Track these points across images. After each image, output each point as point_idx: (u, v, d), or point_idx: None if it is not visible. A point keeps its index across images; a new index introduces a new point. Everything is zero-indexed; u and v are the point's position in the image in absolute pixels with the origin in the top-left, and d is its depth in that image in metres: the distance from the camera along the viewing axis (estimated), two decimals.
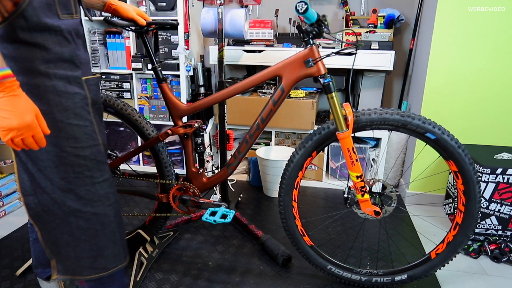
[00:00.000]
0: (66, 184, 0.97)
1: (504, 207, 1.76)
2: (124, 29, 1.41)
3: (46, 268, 1.26)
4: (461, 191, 1.32)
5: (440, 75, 2.06)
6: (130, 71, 2.54)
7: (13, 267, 1.60)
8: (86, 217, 1.00)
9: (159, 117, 2.60)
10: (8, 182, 2.11)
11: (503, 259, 1.69)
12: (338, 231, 1.94)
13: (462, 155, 1.26)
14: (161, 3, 2.39)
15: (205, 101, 1.43)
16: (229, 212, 1.47)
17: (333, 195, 2.41)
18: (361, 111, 1.31)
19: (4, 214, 2.07)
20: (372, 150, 2.48)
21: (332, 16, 2.66)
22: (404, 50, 2.62)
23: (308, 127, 2.41)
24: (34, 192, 0.97)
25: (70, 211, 0.99)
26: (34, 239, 1.23)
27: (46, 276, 1.26)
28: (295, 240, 1.48)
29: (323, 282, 1.54)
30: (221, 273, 1.58)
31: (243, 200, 2.31)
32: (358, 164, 1.31)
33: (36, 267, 1.26)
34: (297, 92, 2.45)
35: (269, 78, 1.37)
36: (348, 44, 2.23)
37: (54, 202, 0.98)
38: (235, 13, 1.97)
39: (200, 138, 1.52)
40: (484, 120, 2.07)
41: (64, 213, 0.99)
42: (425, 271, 1.42)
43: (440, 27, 2.00)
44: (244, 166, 2.70)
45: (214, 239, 1.85)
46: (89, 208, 1.00)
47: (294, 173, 1.40)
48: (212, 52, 2.49)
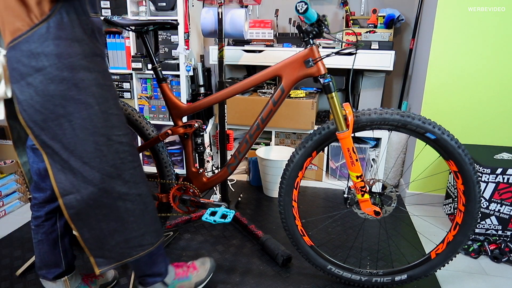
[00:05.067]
0: (115, 170, 1.02)
1: (504, 207, 1.76)
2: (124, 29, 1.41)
3: (52, 268, 1.26)
4: (461, 191, 1.32)
5: (440, 75, 2.06)
6: (130, 71, 2.53)
7: (13, 267, 1.60)
8: (132, 198, 1.07)
9: (159, 117, 2.60)
10: (8, 182, 2.11)
11: (503, 259, 1.69)
12: (338, 231, 1.94)
13: (462, 155, 1.26)
14: (161, 3, 2.39)
15: (205, 101, 1.43)
16: (229, 212, 1.47)
17: (333, 195, 2.41)
18: (361, 111, 1.31)
19: (4, 214, 2.07)
20: (372, 150, 2.48)
21: (332, 16, 2.66)
22: (404, 50, 2.62)
23: (308, 127, 2.41)
24: (76, 189, 1.00)
25: (118, 196, 1.04)
26: (39, 241, 1.22)
27: (52, 276, 1.26)
28: (295, 240, 1.48)
29: (323, 282, 1.54)
30: (221, 273, 1.58)
31: (243, 200, 2.31)
32: (358, 164, 1.31)
33: (40, 268, 1.26)
34: (297, 92, 2.45)
35: (269, 78, 1.37)
36: (348, 44, 2.23)
37: (103, 191, 1.01)
38: (235, 13, 1.97)
39: (200, 138, 1.52)
40: (484, 120, 2.07)
41: (113, 199, 1.04)
42: (425, 271, 1.42)
43: (440, 27, 2.00)
44: (244, 166, 2.70)
45: (214, 239, 1.85)
46: (134, 190, 1.07)
47: (294, 173, 1.40)
48: (212, 52, 2.49)
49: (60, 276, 1.27)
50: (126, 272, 1.57)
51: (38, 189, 1.18)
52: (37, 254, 1.24)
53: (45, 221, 1.21)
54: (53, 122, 0.94)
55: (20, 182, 2.19)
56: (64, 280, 1.27)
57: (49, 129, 0.94)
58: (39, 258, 1.25)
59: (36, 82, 0.90)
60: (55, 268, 1.26)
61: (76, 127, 0.95)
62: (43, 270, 1.26)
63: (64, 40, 0.91)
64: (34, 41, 0.89)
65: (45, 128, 0.94)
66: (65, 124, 0.94)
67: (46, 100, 0.92)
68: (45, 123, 0.94)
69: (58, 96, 0.92)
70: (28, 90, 0.91)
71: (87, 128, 0.97)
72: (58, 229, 1.24)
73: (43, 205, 1.20)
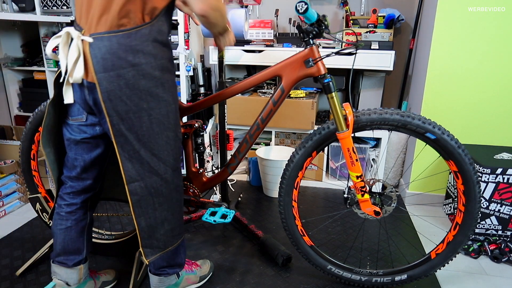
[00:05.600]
0: (176, 163, 1.15)
1: (504, 207, 1.76)
2: None
3: (72, 255, 1.30)
4: (461, 191, 1.32)
5: (440, 75, 2.06)
6: None
7: (13, 267, 1.60)
8: (180, 190, 1.20)
9: None
10: (8, 182, 2.11)
11: (503, 259, 1.69)
12: (338, 231, 1.94)
13: (462, 155, 1.26)
14: None
15: (205, 101, 1.44)
16: (229, 212, 1.47)
17: (333, 195, 2.41)
18: (361, 111, 1.31)
19: (4, 214, 2.07)
20: (372, 150, 2.48)
21: (332, 16, 2.66)
22: (404, 50, 2.62)
23: (308, 127, 2.41)
24: (141, 178, 1.08)
25: (175, 187, 1.17)
26: (68, 227, 1.27)
27: (72, 263, 1.30)
28: (295, 240, 1.48)
29: (323, 282, 1.54)
30: (221, 273, 1.58)
31: (243, 200, 2.31)
32: (358, 164, 1.31)
33: (58, 255, 1.29)
34: (297, 92, 2.45)
35: (269, 78, 1.37)
36: (348, 44, 2.23)
37: (164, 181, 1.12)
38: (235, 13, 1.97)
39: (200, 138, 1.53)
40: (484, 120, 2.07)
41: (170, 190, 1.15)
42: (425, 271, 1.42)
43: (440, 27, 2.00)
44: (244, 166, 2.70)
45: (214, 239, 1.85)
46: (180, 182, 1.20)
47: (294, 173, 1.40)
48: (212, 52, 2.49)
49: (78, 264, 1.31)
50: (126, 272, 1.57)
51: (78, 178, 1.24)
52: (59, 241, 1.28)
53: (79, 208, 1.28)
54: (134, 114, 1.02)
55: (20, 182, 2.19)
56: (80, 267, 1.32)
57: (128, 120, 1.02)
58: (61, 245, 1.28)
59: (128, 76, 0.98)
60: (76, 255, 1.30)
61: (154, 121, 1.05)
62: (62, 257, 1.29)
63: (159, 43, 1.02)
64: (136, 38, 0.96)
65: (125, 119, 1.02)
66: (145, 118, 1.03)
67: (134, 93, 1.00)
68: (127, 114, 1.01)
69: (145, 91, 1.01)
70: (117, 81, 0.98)
71: (163, 123, 1.07)
72: (88, 217, 1.31)
73: (80, 193, 1.26)
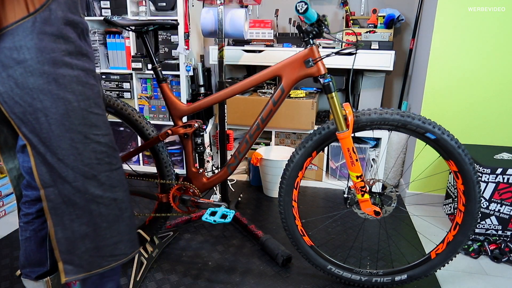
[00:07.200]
0: (89, 170, 1.00)
1: (504, 207, 1.76)
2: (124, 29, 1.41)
3: (35, 267, 1.24)
4: (461, 191, 1.32)
5: (440, 75, 2.06)
6: (130, 71, 2.53)
7: (13, 267, 1.60)
8: (107, 203, 1.03)
9: (159, 117, 2.60)
10: (8, 182, 2.11)
11: (503, 259, 1.69)
12: (338, 231, 1.94)
13: (462, 155, 1.26)
14: (161, 3, 2.39)
15: (205, 101, 1.43)
16: (229, 212, 1.47)
17: (333, 195, 2.41)
18: (361, 111, 1.31)
19: (4, 214, 2.07)
20: (372, 150, 2.48)
21: (332, 16, 2.66)
22: (404, 50, 2.62)
23: (308, 127, 2.41)
24: (54, 183, 0.98)
25: (92, 198, 1.01)
26: (27, 238, 1.22)
27: (35, 276, 1.24)
28: (295, 240, 1.48)
29: (323, 282, 1.54)
30: (221, 273, 1.58)
31: (243, 200, 2.31)
32: (358, 164, 1.31)
33: (23, 267, 1.25)
34: (297, 92, 2.45)
35: (269, 78, 1.37)
36: (348, 44, 2.23)
37: (76, 190, 0.99)
38: (235, 13, 1.97)
39: (200, 138, 1.52)
40: (484, 120, 2.07)
41: (86, 201, 1.01)
42: (425, 271, 1.42)
43: (440, 27, 2.00)
44: (244, 166, 2.70)
45: (214, 239, 1.85)
46: (109, 194, 1.03)
47: (294, 173, 1.40)
48: (212, 52, 2.49)
49: (43, 276, 1.25)
50: (126, 272, 1.57)
51: (30, 187, 1.18)
52: (22, 252, 1.23)
53: (35, 218, 1.21)
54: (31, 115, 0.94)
55: None
56: (47, 280, 1.25)
57: (28, 122, 0.94)
58: (24, 256, 1.23)
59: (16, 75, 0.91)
60: (39, 267, 1.25)
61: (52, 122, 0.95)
62: (27, 269, 1.25)
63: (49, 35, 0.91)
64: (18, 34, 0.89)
65: (25, 121, 0.95)
66: (42, 119, 0.94)
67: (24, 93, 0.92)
68: (24, 116, 0.94)
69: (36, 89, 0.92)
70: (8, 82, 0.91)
71: (63, 124, 0.96)
72: (47, 227, 1.22)
73: (35, 202, 1.20)
